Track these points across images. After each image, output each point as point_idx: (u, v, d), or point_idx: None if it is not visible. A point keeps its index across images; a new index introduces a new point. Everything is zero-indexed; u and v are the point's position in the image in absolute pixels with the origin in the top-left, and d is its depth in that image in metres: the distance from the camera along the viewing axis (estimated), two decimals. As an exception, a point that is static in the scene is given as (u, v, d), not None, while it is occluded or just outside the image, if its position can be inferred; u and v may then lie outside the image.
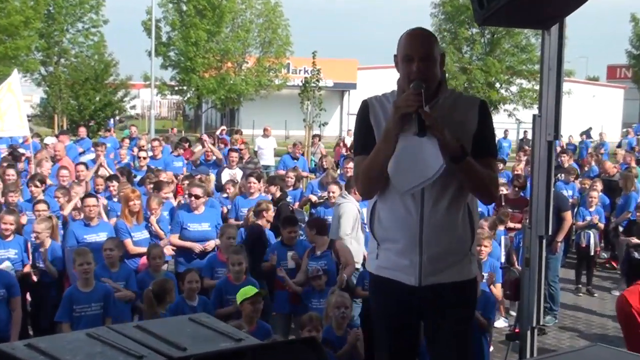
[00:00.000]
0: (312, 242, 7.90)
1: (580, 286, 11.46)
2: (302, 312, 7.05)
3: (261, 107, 41.90)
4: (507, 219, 10.02)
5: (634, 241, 10.02)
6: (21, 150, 14.33)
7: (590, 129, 35.57)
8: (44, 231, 7.94)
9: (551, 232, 4.85)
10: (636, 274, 9.62)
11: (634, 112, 53.19)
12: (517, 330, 7.89)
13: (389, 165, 3.47)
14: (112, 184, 10.27)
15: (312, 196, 11.51)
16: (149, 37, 37.46)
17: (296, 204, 11.10)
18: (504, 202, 10.61)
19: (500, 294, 7.87)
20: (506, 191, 10.84)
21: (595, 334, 9.46)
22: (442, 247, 3.56)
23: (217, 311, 6.80)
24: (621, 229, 11.48)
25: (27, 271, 7.94)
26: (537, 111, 4.86)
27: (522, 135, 31.33)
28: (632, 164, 15.43)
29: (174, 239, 8.73)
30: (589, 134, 31.58)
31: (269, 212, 9.02)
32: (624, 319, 4.28)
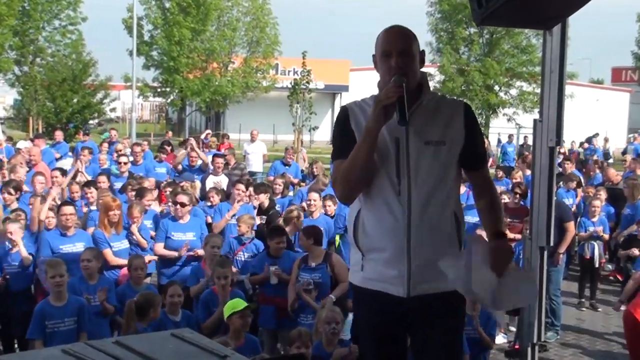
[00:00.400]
0: (307, 251, 7.87)
1: (583, 300, 11.47)
2: (289, 327, 7.03)
3: (248, 110, 41.89)
4: (506, 229, 9.97)
5: (636, 253, 9.94)
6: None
7: (596, 135, 35.69)
8: (16, 232, 7.92)
9: (553, 243, 4.84)
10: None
11: (640, 117, 53.48)
12: (517, 346, 7.92)
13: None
14: (90, 190, 10.22)
15: (303, 204, 11.45)
16: (130, 36, 37.38)
17: (284, 213, 11.04)
18: (503, 211, 10.61)
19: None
20: (507, 199, 10.85)
21: (599, 351, 9.48)
22: (431, 255, 3.57)
23: (203, 325, 6.79)
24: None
25: None
26: (538, 116, 4.86)
27: (522, 140, 31.38)
28: (638, 172, 15.46)
29: (159, 248, 8.71)
30: (590, 140, 31.68)
31: (300, 219, 9.12)
32: (630, 334, 4.29)
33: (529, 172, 13.35)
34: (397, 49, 3.56)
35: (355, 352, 5.98)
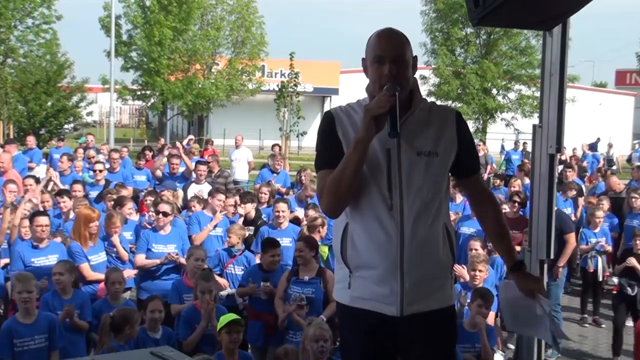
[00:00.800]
0: (305, 262, 7.74)
1: (586, 316, 11.44)
2: (277, 344, 7.01)
3: (233, 114, 41.92)
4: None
5: (633, 262, 9.78)
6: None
7: (598, 140, 35.85)
8: None
9: (553, 255, 4.84)
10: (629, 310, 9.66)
11: (645, 122, 53.80)
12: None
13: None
14: (63, 199, 10.16)
15: (297, 213, 11.40)
16: (107, 36, 37.37)
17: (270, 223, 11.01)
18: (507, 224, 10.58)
19: (492, 322, 7.83)
20: (507, 209, 10.84)
21: (603, 370, 9.49)
22: (425, 271, 3.57)
23: (184, 342, 6.76)
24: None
25: None
26: (537, 121, 4.87)
27: (521, 147, 31.49)
28: (644, 181, 15.46)
29: (140, 259, 8.68)
30: (595, 147, 31.85)
31: (324, 227, 9.16)
32: None
33: (528, 180, 13.41)
34: (390, 56, 3.53)
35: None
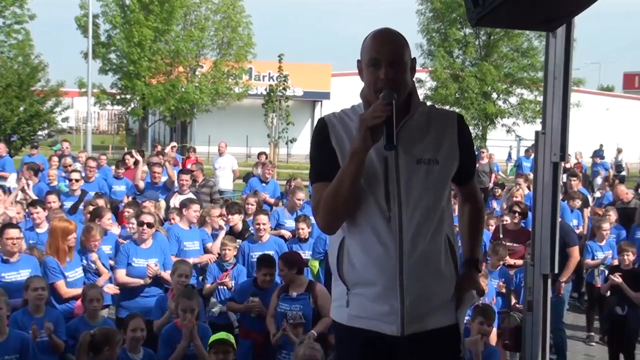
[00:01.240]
0: (289, 281, 7.82)
1: (592, 334, 11.42)
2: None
3: (218, 120, 41.92)
4: (506, 254, 9.91)
5: (617, 280, 9.68)
6: None
7: (601, 147, 35.89)
8: None
9: (557, 269, 4.84)
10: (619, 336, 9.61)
11: (655, 128, 53.92)
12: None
13: None
14: (37, 210, 10.11)
15: (284, 232, 11.38)
16: (84, 36, 37.33)
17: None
18: (502, 234, 10.59)
19: (494, 342, 7.83)
20: (508, 220, 10.84)
21: (611, 391, 9.47)
22: (426, 287, 3.55)
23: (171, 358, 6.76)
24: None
25: None
26: (540, 127, 4.87)
27: (522, 154, 31.57)
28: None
29: (120, 275, 8.63)
30: (601, 154, 31.90)
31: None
32: None
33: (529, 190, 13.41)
34: (387, 59, 3.49)
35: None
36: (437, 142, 3.60)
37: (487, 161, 21.35)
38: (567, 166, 20.78)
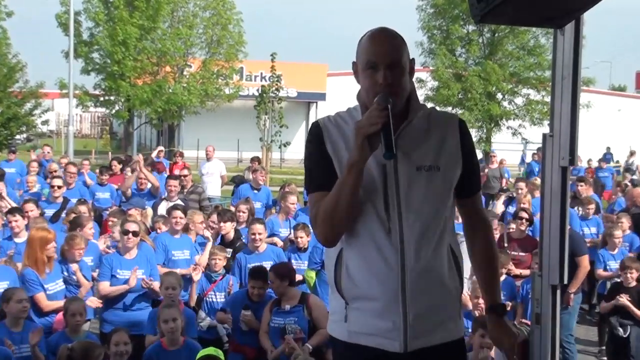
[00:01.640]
0: (281, 294, 7.84)
1: (604, 348, 11.41)
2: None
3: (207, 122, 41.92)
4: (508, 261, 9.79)
5: (623, 301, 9.56)
6: None
7: (609, 150, 35.93)
8: None
9: (566, 280, 4.83)
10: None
11: (668, 129, 54.04)
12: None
13: None
14: (15, 218, 10.09)
15: (277, 240, 11.35)
16: (65, 35, 37.31)
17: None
18: (506, 243, 10.57)
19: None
20: (513, 228, 10.83)
21: (625, 410, 9.45)
22: (430, 301, 3.53)
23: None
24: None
25: None
26: (547, 129, 4.86)
27: (529, 158, 31.59)
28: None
29: (104, 287, 8.62)
30: (608, 158, 31.99)
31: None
32: None
33: (537, 194, 13.41)
34: (385, 61, 3.47)
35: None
36: (437, 147, 3.58)
37: (497, 166, 21.37)
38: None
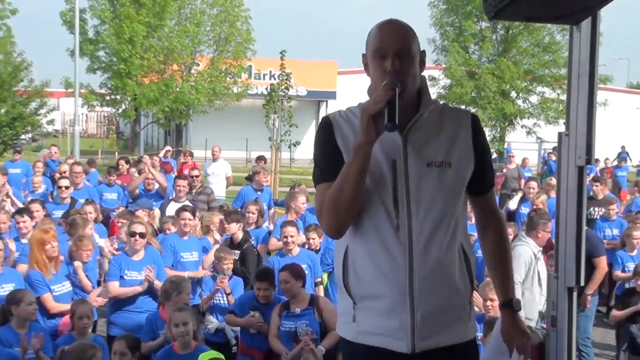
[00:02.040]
0: (293, 295, 7.82)
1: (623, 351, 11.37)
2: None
3: (216, 121, 41.96)
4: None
5: None
6: None
7: (623, 149, 35.79)
8: None
9: (583, 282, 4.82)
10: None
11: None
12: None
13: None
14: (23, 219, 10.14)
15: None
16: (70, 33, 37.39)
17: (259, 247, 10.98)
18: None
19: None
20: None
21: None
22: (439, 301, 3.53)
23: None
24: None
25: None
26: (563, 128, 4.86)
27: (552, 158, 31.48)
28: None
29: (114, 287, 8.64)
30: (624, 157, 31.86)
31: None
32: None
33: (553, 194, 13.37)
34: (393, 49, 3.47)
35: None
36: (449, 143, 3.57)
37: (515, 166, 21.34)
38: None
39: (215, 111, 40.63)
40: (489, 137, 35.38)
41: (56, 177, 15.39)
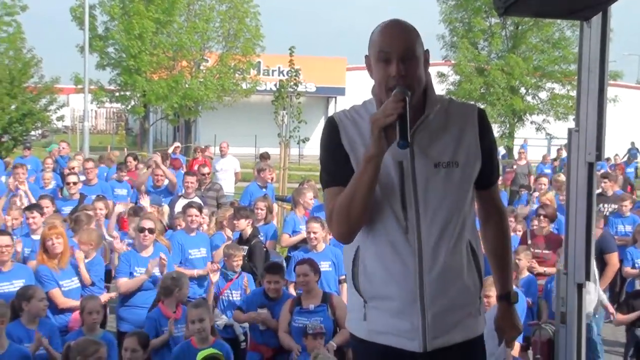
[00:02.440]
0: (309, 289, 7.81)
1: (630, 357, 11.33)
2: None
3: (224, 118, 41.98)
4: (527, 257, 9.64)
5: None
6: None
7: (633, 145, 35.67)
8: None
9: (593, 279, 4.81)
10: None
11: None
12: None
13: None
14: (33, 215, 10.15)
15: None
16: (80, 29, 37.46)
17: (267, 243, 10.97)
18: (529, 240, 10.51)
19: (516, 354, 7.73)
20: (536, 225, 10.78)
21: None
22: (449, 301, 3.53)
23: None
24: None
25: None
26: (573, 124, 4.86)
27: (554, 154, 31.42)
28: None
29: (123, 283, 8.66)
30: (635, 153, 31.75)
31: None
32: None
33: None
34: (398, 53, 3.43)
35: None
36: (456, 142, 3.55)
37: (525, 162, 21.30)
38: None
39: (224, 107, 40.64)
40: (497, 134, 35.34)
41: (65, 173, 15.41)
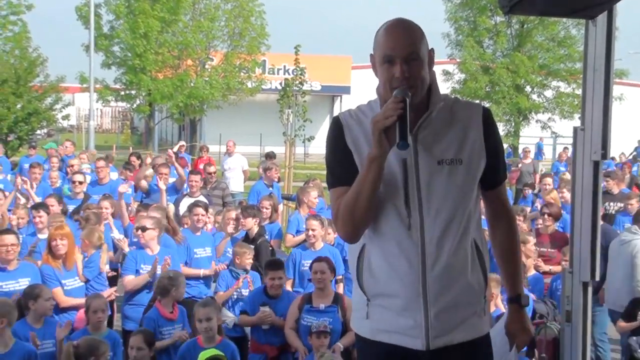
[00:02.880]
0: (324, 287, 7.81)
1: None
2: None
3: (230, 117, 41.98)
4: (532, 253, 9.65)
5: None
6: None
7: (639, 145, 35.58)
8: None
9: (598, 277, 4.81)
10: None
11: None
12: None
13: None
14: (40, 214, 10.16)
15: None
16: (85, 28, 37.50)
17: (272, 242, 10.97)
18: (534, 238, 10.50)
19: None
20: (540, 224, 10.77)
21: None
22: (452, 299, 3.54)
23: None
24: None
25: None
26: (578, 123, 4.85)
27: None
28: None
29: (129, 280, 8.68)
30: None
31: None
32: None
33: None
34: (402, 55, 3.44)
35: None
36: (460, 140, 3.56)
37: (530, 161, 21.29)
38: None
39: (229, 106, 40.65)
40: (503, 132, 35.27)
41: (70, 172, 15.42)
